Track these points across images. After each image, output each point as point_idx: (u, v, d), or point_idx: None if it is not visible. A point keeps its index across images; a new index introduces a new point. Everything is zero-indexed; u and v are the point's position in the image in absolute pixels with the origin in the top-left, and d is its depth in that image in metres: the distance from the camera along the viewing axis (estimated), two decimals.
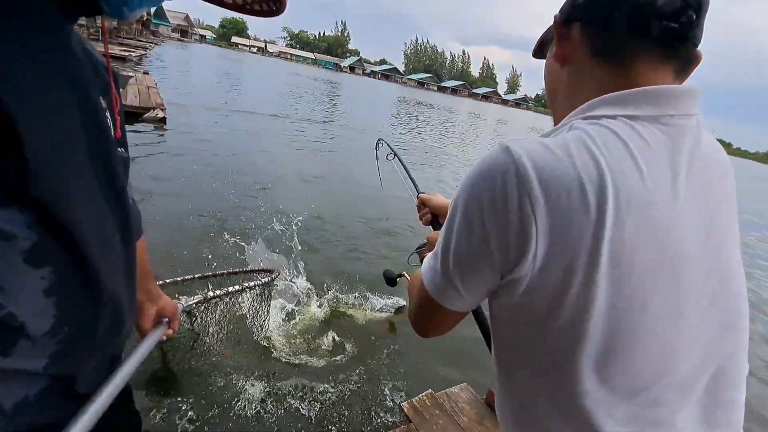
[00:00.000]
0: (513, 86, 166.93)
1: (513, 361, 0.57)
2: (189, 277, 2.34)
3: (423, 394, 2.16)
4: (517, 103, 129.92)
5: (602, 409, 0.48)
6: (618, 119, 0.50)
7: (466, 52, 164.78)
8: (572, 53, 0.58)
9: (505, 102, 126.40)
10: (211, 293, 1.93)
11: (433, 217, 1.10)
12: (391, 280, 1.16)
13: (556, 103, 0.63)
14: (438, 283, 0.56)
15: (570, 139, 0.48)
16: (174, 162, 5.98)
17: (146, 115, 7.94)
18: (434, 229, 1.08)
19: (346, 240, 4.60)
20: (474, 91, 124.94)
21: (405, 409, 2.03)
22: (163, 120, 8.04)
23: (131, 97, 8.67)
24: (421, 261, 1.02)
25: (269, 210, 4.82)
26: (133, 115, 7.85)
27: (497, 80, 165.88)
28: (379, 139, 1.64)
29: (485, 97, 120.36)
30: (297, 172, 6.98)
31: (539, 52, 0.71)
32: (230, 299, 2.14)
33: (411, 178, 1.36)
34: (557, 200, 0.44)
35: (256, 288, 2.23)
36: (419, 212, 1.14)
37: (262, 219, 4.54)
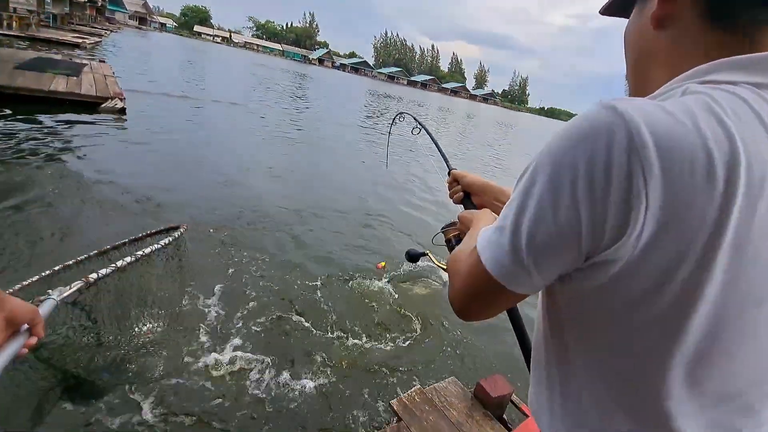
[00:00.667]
0: (481, 81, 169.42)
1: (577, 354, 0.50)
2: (82, 257, 1.81)
3: (412, 390, 2.13)
4: (485, 99, 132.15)
5: (686, 414, 0.43)
6: (741, 86, 0.42)
7: (434, 47, 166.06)
8: (677, 15, 0.48)
9: (473, 97, 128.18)
10: (94, 275, 1.55)
11: (465, 195, 1.03)
12: (414, 257, 1.10)
13: (648, 70, 0.53)
14: (504, 262, 0.47)
15: (691, 101, 0.40)
16: (136, 155, 5.66)
17: (104, 105, 7.48)
18: (465, 207, 1.01)
19: (321, 234, 4.49)
20: (443, 85, 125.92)
21: (394, 406, 1.99)
22: (122, 110, 7.61)
23: (86, 86, 8.14)
24: (447, 241, 0.96)
25: (237, 202, 4.65)
26: (90, 105, 7.39)
27: (465, 75, 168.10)
28: (401, 113, 1.50)
29: (454, 92, 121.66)
30: (266, 163, 6.79)
31: (617, 8, 0.60)
32: (125, 273, 1.70)
33: (441, 152, 1.26)
34: (678, 171, 0.36)
35: (155, 253, 1.79)
36: (450, 189, 1.07)
37: (229, 211, 4.37)
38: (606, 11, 0.63)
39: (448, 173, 1.11)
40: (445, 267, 0.96)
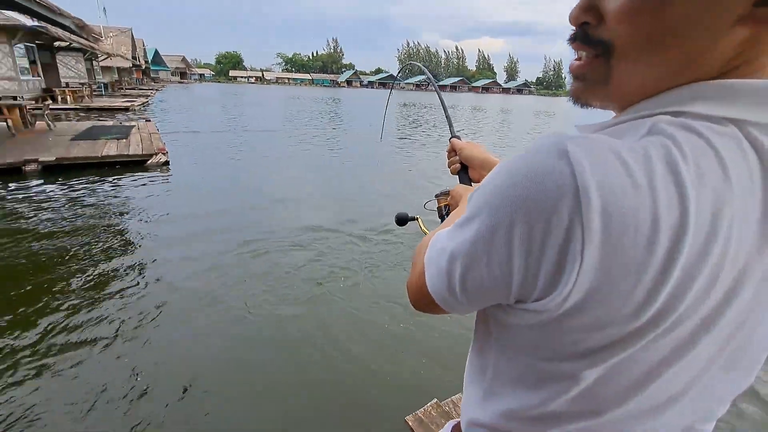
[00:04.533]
0: (512, 73, 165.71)
1: (494, 354, 0.53)
2: None
3: (428, 404, 2.12)
4: (519, 90, 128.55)
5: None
6: (725, 125, 0.37)
7: (459, 48, 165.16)
8: None
9: (506, 90, 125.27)
10: None
11: (463, 167, 0.97)
12: (402, 220, 1.08)
13: (655, 57, 0.39)
14: (440, 289, 0.49)
15: (654, 152, 0.35)
16: (181, 202, 6.14)
17: (149, 162, 8.20)
18: (461, 181, 0.97)
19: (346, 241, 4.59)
20: (474, 84, 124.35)
21: (409, 423, 1.99)
22: (166, 163, 8.30)
23: (134, 146, 8.96)
24: (438, 209, 0.98)
25: (282, 226, 4.88)
26: (137, 164, 8.14)
27: (495, 70, 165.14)
28: (410, 63, 1.36)
29: (486, 89, 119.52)
30: (306, 188, 7.06)
31: None
32: None
33: (447, 116, 1.17)
34: (619, 239, 0.34)
35: None
36: (448, 158, 1.02)
37: (278, 236, 4.59)
38: None
39: (450, 141, 1.04)
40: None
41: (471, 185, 0.94)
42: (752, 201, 0.36)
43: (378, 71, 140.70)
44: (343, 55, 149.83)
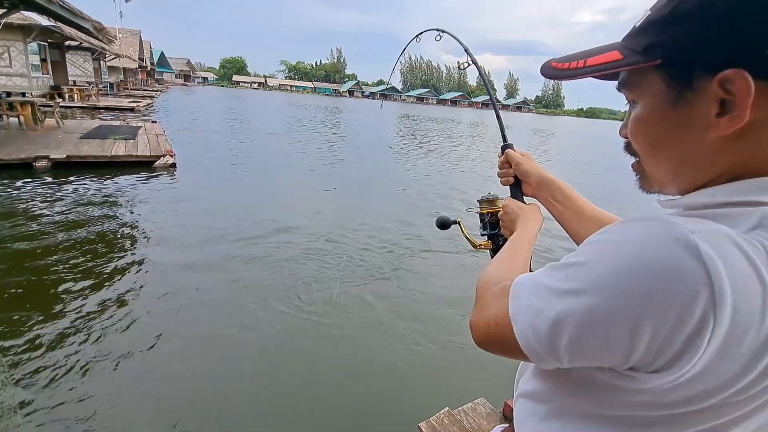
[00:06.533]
0: (512, 91, 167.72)
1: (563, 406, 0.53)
2: None
3: (440, 412, 2.20)
4: (519, 107, 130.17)
5: None
6: None
7: (461, 63, 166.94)
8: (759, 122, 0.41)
9: (506, 107, 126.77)
10: None
11: (516, 181, 0.92)
12: (444, 224, 1.06)
13: (680, 171, 0.49)
14: (537, 348, 0.46)
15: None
16: (185, 203, 6.22)
17: (157, 163, 8.29)
18: (512, 195, 0.92)
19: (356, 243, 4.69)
20: (474, 100, 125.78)
21: (422, 429, 2.08)
22: (173, 165, 8.39)
23: (142, 147, 9.06)
24: (481, 216, 0.96)
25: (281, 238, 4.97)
26: (146, 165, 8.23)
27: (495, 87, 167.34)
28: (441, 30, 1.18)
29: (485, 105, 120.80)
30: (309, 194, 7.18)
31: (606, 77, 0.53)
32: None
33: (499, 120, 1.05)
34: (744, 332, 0.37)
35: None
36: (500, 169, 0.95)
37: (262, 246, 4.69)
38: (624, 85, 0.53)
39: (502, 150, 0.96)
40: (476, 244, 0.97)
41: (523, 201, 0.91)
42: None
43: (380, 83, 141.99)
44: (346, 65, 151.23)
